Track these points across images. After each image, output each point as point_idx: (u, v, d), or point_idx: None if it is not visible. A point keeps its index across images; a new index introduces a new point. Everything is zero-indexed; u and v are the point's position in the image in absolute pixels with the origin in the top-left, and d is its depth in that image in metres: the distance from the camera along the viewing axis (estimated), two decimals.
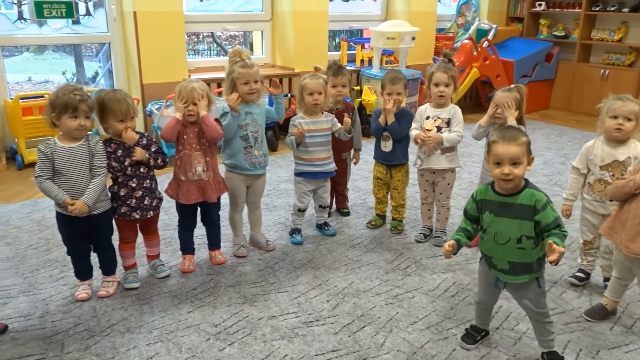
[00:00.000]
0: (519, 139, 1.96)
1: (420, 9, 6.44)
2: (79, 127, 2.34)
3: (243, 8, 5.75)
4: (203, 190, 2.72)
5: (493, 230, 2.04)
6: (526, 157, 1.96)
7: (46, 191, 2.36)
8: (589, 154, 2.56)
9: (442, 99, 3.02)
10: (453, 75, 3.02)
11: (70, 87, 2.37)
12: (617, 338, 2.34)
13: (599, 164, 2.52)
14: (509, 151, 1.92)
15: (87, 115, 2.35)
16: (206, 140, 2.69)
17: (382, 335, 2.34)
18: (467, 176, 4.40)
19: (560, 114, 7.02)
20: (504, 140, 1.95)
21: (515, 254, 2.01)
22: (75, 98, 2.31)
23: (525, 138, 1.98)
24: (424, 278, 2.82)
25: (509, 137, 1.95)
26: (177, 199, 2.74)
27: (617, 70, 6.67)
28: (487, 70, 6.47)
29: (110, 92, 2.46)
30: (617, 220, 2.31)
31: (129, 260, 2.72)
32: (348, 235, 3.33)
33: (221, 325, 2.39)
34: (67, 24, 4.85)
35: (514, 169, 1.93)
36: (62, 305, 2.51)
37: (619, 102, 2.45)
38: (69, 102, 2.30)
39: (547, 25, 7.41)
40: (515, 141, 1.94)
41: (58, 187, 2.35)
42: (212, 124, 2.63)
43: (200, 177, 2.69)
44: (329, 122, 3.07)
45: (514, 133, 1.98)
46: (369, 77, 5.77)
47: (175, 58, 4.89)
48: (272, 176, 4.32)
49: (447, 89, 3.00)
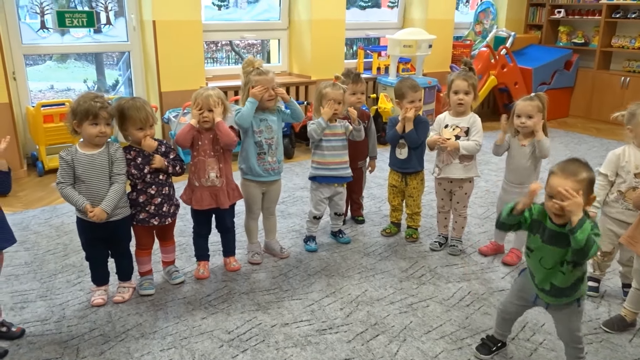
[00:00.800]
0: (579, 174, 1.79)
1: (437, 17, 6.42)
2: (100, 134, 2.38)
3: (260, 17, 5.81)
4: (216, 197, 2.74)
5: (539, 254, 1.95)
6: (584, 195, 1.77)
7: (67, 197, 2.40)
8: (620, 161, 2.50)
9: (462, 107, 2.99)
10: (473, 83, 2.98)
11: (91, 94, 2.41)
12: (636, 350, 2.29)
13: (634, 172, 2.46)
14: (562, 184, 1.77)
15: (107, 122, 2.39)
16: (220, 147, 2.71)
17: (395, 345, 2.32)
18: (484, 184, 4.36)
19: (580, 122, 6.93)
20: (562, 172, 1.80)
21: (558, 277, 1.92)
22: (96, 105, 2.35)
23: (587, 175, 1.80)
24: (438, 287, 2.80)
25: (568, 170, 1.80)
26: (190, 204, 2.77)
27: (638, 77, 6.56)
28: (505, 78, 6.43)
29: (129, 100, 2.50)
30: (638, 230, 2.26)
31: (145, 267, 2.74)
32: (362, 243, 3.31)
33: (234, 332, 2.39)
34: (89, 33, 4.95)
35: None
36: (78, 310, 2.55)
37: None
38: (89, 110, 2.34)
39: (567, 33, 7.33)
40: (574, 176, 1.78)
41: (79, 194, 2.39)
42: (226, 130, 2.65)
43: (213, 183, 2.71)
44: (343, 127, 3.08)
45: (576, 168, 1.81)
46: (385, 85, 5.77)
47: (193, 66, 4.95)
48: (288, 183, 4.33)
49: (466, 97, 2.97)
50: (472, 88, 2.97)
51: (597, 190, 2.55)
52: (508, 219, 1.96)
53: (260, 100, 2.80)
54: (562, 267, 1.90)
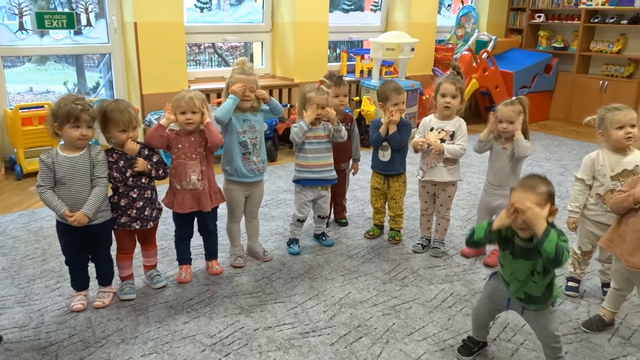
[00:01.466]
0: (538, 188, 1.86)
1: (419, 20, 6.47)
2: (81, 137, 2.34)
3: (243, 19, 5.79)
4: (198, 200, 2.72)
5: (510, 268, 2.00)
6: (545, 208, 1.84)
7: (47, 202, 2.36)
8: (595, 164, 2.54)
9: (448, 110, 3.00)
10: (461, 87, 3.01)
11: (72, 97, 2.37)
12: (615, 350, 2.32)
13: (610, 174, 2.50)
14: (522, 198, 1.84)
15: (89, 125, 2.36)
16: (203, 149, 2.69)
17: (378, 347, 2.32)
18: (466, 187, 4.39)
19: (560, 124, 7.03)
20: (521, 187, 1.88)
21: (531, 287, 1.97)
22: (77, 108, 2.31)
23: (546, 188, 1.87)
24: (421, 289, 2.81)
25: (528, 185, 1.87)
26: (172, 207, 2.74)
27: (616, 81, 6.68)
28: (487, 82, 6.49)
29: (112, 102, 2.47)
30: (616, 233, 2.30)
31: (126, 271, 2.71)
32: (346, 245, 3.32)
33: (217, 336, 2.37)
34: (69, 35, 4.89)
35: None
36: (57, 316, 2.50)
37: (620, 112, 2.45)
38: (71, 112, 2.31)
39: (546, 37, 7.44)
40: (533, 190, 1.85)
41: (58, 198, 2.35)
42: (216, 130, 2.66)
43: (195, 186, 2.69)
44: (326, 130, 3.08)
45: (534, 182, 1.88)
46: (368, 88, 5.79)
47: (175, 69, 4.91)
48: (271, 186, 4.32)
49: (453, 100, 2.98)
50: (460, 92, 2.99)
51: (576, 196, 2.59)
52: (485, 239, 2.00)
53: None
54: (534, 277, 1.94)
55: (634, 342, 2.38)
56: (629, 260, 2.20)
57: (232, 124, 2.81)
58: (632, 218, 2.21)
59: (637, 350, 2.32)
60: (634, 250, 2.19)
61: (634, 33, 6.65)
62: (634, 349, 2.33)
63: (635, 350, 2.32)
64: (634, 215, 2.21)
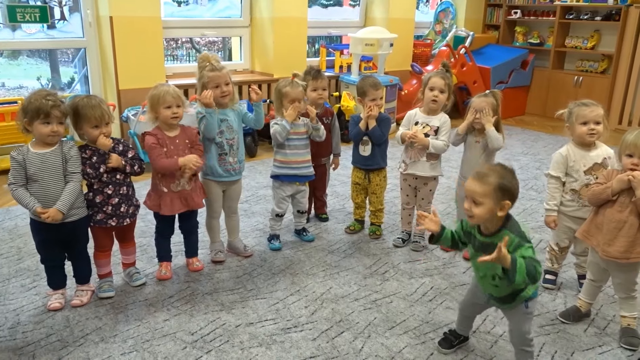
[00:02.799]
0: (487, 179, 1.84)
1: (398, 16, 6.49)
2: (52, 133, 2.29)
3: (221, 14, 5.73)
4: (186, 200, 2.69)
5: (474, 264, 2.04)
6: (492, 200, 1.83)
7: (19, 199, 2.31)
8: (568, 161, 2.57)
9: (435, 104, 3.02)
10: (449, 84, 3.04)
11: (43, 92, 2.32)
12: (591, 340, 2.38)
13: (583, 169, 2.54)
14: (470, 187, 1.87)
15: (60, 121, 2.31)
16: (188, 150, 2.66)
17: (360, 341, 2.33)
18: (445, 181, 4.43)
19: (536, 119, 7.14)
20: (473, 176, 1.89)
21: (492, 289, 2.00)
22: (48, 103, 2.26)
23: (494, 180, 1.83)
24: (402, 283, 2.83)
25: (478, 174, 1.87)
26: (158, 210, 2.70)
27: (590, 77, 6.81)
28: (464, 77, 6.55)
29: (84, 98, 2.42)
30: (593, 224, 2.35)
31: (104, 269, 2.67)
32: (327, 240, 3.32)
33: (198, 333, 2.36)
34: (42, 29, 4.78)
35: (474, 208, 1.85)
36: (34, 316, 2.46)
37: (586, 108, 2.48)
38: (41, 108, 2.25)
39: (523, 33, 7.54)
40: (480, 180, 1.85)
41: (30, 196, 2.30)
42: None
43: (183, 187, 2.66)
44: (305, 126, 3.07)
45: (485, 172, 1.87)
46: (347, 83, 5.79)
47: (152, 64, 4.84)
48: (251, 182, 4.29)
49: (441, 95, 3.00)
50: (448, 88, 3.02)
51: (553, 194, 2.62)
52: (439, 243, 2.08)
53: (215, 97, 2.77)
54: (494, 281, 1.94)
55: (609, 332, 2.43)
56: (606, 250, 2.25)
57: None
58: (609, 209, 2.25)
59: (612, 339, 2.38)
60: (610, 240, 2.24)
61: (607, 29, 6.78)
62: (609, 338, 2.38)
63: (611, 340, 2.37)
64: (610, 206, 2.25)
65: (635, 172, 2.15)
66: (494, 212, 1.85)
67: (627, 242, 2.20)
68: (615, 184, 2.20)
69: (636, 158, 2.18)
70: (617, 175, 2.22)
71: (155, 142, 2.60)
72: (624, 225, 2.21)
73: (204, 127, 2.75)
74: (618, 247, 2.22)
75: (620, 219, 2.21)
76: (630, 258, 2.22)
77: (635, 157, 2.18)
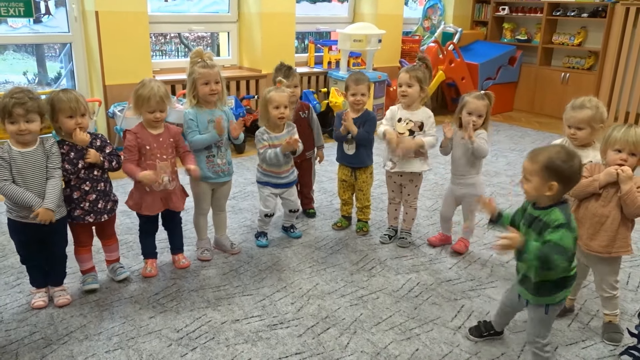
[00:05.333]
0: (537, 157, 1.88)
1: (386, 12, 6.49)
2: (19, 132, 2.23)
3: (209, 9, 5.69)
4: (166, 200, 2.68)
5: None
6: (539, 178, 1.86)
7: (14, 195, 2.25)
8: None
9: (405, 99, 3.03)
10: (417, 76, 3.00)
11: (16, 89, 2.25)
12: (574, 334, 2.40)
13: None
14: (523, 164, 1.94)
15: (27, 119, 2.23)
16: (173, 149, 2.65)
17: (346, 337, 2.34)
18: (433, 177, 4.45)
19: (524, 116, 7.17)
20: (528, 153, 1.94)
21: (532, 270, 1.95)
22: (10, 102, 2.19)
23: (543, 159, 1.86)
24: (388, 279, 2.84)
25: (532, 152, 1.92)
26: (139, 210, 2.68)
27: (577, 73, 6.85)
28: (453, 73, 6.57)
29: (60, 91, 2.39)
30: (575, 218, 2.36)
31: (86, 265, 2.65)
32: (314, 237, 3.32)
33: (183, 331, 2.35)
34: (28, 24, 4.72)
35: (525, 184, 1.93)
36: (18, 314, 2.44)
37: (571, 113, 2.45)
38: (5, 107, 2.21)
39: (511, 29, 7.56)
40: (532, 157, 1.91)
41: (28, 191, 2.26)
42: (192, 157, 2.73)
43: (166, 187, 2.65)
44: (289, 134, 3.03)
45: (538, 151, 1.91)
46: (336, 79, 5.79)
47: (139, 59, 4.80)
48: (239, 178, 4.28)
49: (409, 89, 3.00)
50: (416, 80, 3.00)
51: None
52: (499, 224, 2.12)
53: (202, 95, 2.75)
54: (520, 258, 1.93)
55: (592, 327, 2.46)
56: (588, 244, 2.27)
57: (197, 125, 2.77)
58: (592, 203, 2.26)
59: (596, 334, 2.40)
60: (592, 234, 2.26)
61: (594, 26, 6.82)
62: (592, 333, 2.41)
63: (594, 335, 2.40)
64: (594, 200, 2.26)
65: (624, 166, 2.17)
66: (542, 191, 1.87)
67: (609, 236, 2.22)
68: (603, 177, 2.21)
69: (625, 154, 2.18)
70: (606, 169, 2.23)
71: (134, 143, 2.57)
72: (606, 219, 2.23)
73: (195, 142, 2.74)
74: (600, 241, 2.24)
75: (603, 213, 2.23)
76: (611, 252, 2.24)
77: (625, 153, 2.18)
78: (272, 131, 2.99)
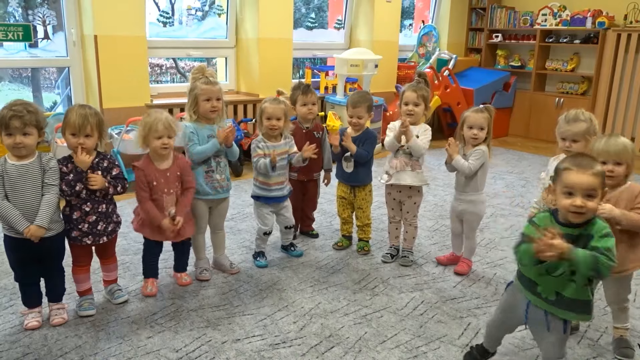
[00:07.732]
0: (595, 167, 1.74)
1: (382, 38, 6.57)
2: (15, 145, 2.19)
3: (207, 35, 5.75)
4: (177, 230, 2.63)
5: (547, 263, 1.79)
6: (601, 190, 1.73)
7: (3, 212, 2.20)
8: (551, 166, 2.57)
9: (412, 118, 3.01)
10: (423, 94, 3.01)
11: (14, 102, 2.21)
12: (584, 351, 2.34)
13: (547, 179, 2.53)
14: (581, 180, 1.71)
15: (24, 132, 2.19)
16: (179, 182, 2.62)
17: (351, 356, 2.26)
18: (432, 199, 4.42)
19: (519, 140, 7.21)
20: (578, 168, 1.74)
21: (566, 287, 1.80)
22: (8, 114, 2.16)
23: (600, 170, 1.75)
24: (391, 297, 2.77)
25: (584, 164, 1.74)
26: (147, 235, 2.64)
27: (571, 98, 6.92)
28: (448, 98, 6.62)
29: (77, 106, 2.36)
30: None
31: (84, 285, 2.57)
32: (314, 257, 3.26)
33: (182, 350, 2.27)
34: (25, 48, 4.73)
35: (588, 202, 1.71)
36: (10, 335, 2.35)
37: (566, 126, 2.45)
38: (2, 119, 2.17)
39: (504, 56, 7.67)
40: (591, 169, 1.73)
41: (18, 213, 2.20)
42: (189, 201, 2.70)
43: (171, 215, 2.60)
44: (287, 145, 3.02)
45: (589, 161, 1.77)
46: (333, 104, 5.81)
47: (137, 83, 4.81)
48: (237, 200, 4.24)
49: (416, 108, 3.00)
50: (422, 99, 3.01)
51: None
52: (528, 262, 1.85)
53: (203, 111, 2.74)
54: (574, 276, 1.76)
55: (602, 343, 2.40)
56: None
57: (197, 140, 2.75)
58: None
59: (606, 350, 2.34)
60: None
61: (586, 52, 6.93)
62: (602, 349, 2.35)
63: (604, 351, 2.34)
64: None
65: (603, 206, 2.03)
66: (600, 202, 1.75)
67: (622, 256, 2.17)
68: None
69: (610, 165, 2.13)
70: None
71: (143, 179, 2.54)
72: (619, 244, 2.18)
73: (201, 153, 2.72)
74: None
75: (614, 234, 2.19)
76: (622, 272, 2.20)
77: (610, 164, 2.13)
78: (268, 140, 2.97)
